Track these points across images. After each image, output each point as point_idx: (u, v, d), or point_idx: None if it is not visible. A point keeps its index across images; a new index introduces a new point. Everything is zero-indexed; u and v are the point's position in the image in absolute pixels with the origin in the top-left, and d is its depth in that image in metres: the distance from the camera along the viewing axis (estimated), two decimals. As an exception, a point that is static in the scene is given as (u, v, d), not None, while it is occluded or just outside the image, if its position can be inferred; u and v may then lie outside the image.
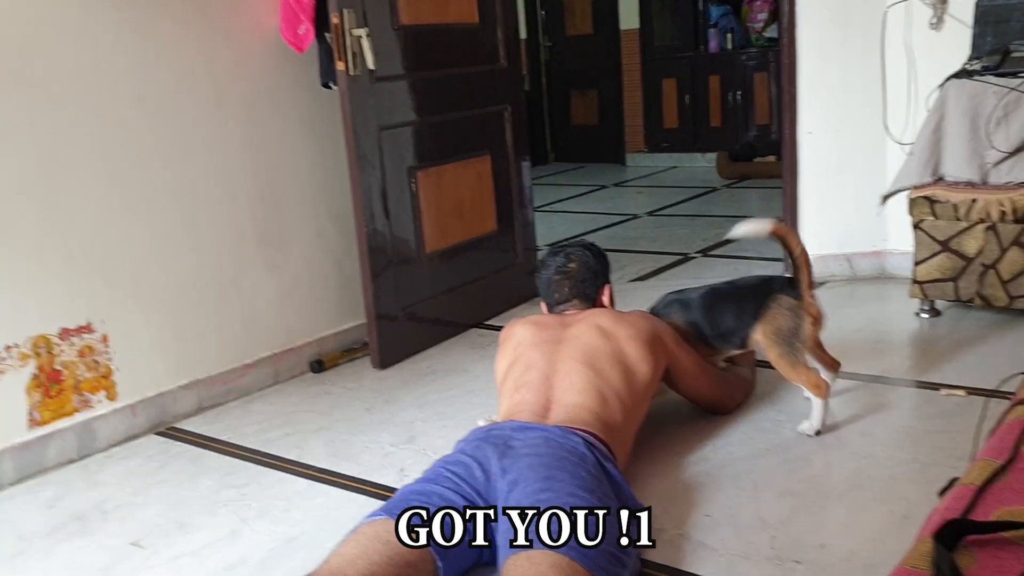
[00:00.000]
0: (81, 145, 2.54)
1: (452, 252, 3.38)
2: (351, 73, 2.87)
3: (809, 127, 3.55)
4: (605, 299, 2.41)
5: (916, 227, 3.00)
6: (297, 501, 2.20)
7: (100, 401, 2.63)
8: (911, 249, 3.05)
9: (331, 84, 3.03)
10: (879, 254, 3.58)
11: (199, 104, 2.81)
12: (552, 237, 4.88)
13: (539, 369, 2.09)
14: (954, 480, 1.30)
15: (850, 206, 3.55)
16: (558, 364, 2.09)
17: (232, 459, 2.48)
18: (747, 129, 7.12)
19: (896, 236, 3.48)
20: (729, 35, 7.24)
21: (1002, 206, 2.79)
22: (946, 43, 3.24)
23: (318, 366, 3.13)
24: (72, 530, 2.16)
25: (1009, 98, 2.80)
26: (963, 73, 2.95)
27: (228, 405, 2.89)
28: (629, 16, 7.69)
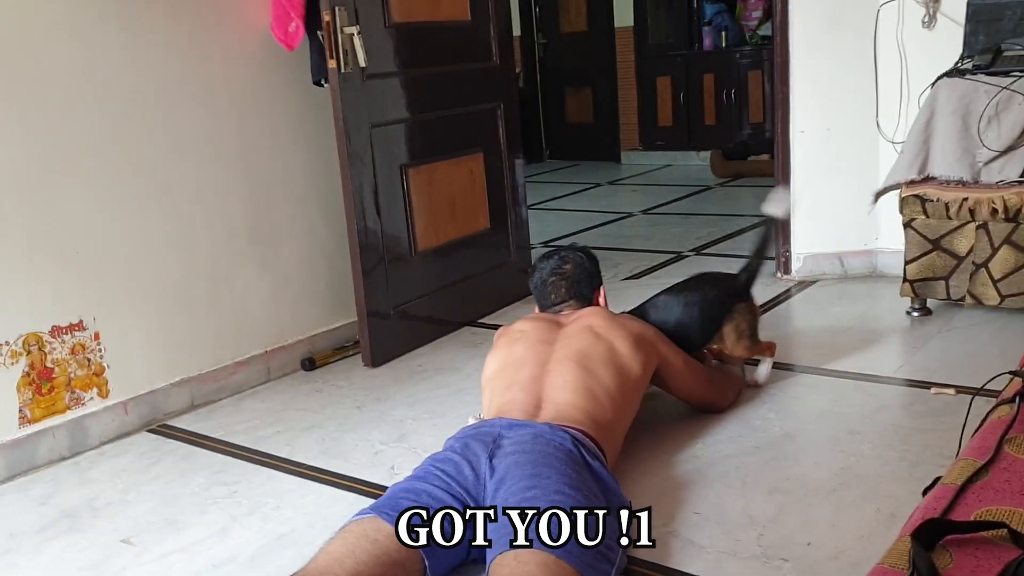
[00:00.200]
0: (72, 142, 2.54)
1: (444, 250, 3.38)
2: (342, 71, 2.87)
3: (801, 126, 3.55)
4: (600, 299, 2.46)
5: (907, 226, 3.00)
6: (287, 498, 2.21)
7: (92, 398, 2.63)
8: (902, 247, 3.06)
9: (323, 82, 3.02)
10: (870, 252, 3.59)
11: (190, 102, 2.81)
12: (546, 235, 4.88)
13: (531, 368, 2.11)
14: (938, 479, 1.31)
15: (842, 204, 3.55)
16: (550, 363, 2.11)
17: (223, 456, 2.49)
18: (741, 127, 7.13)
19: (887, 234, 3.49)
20: (723, 33, 7.24)
21: (993, 204, 2.80)
22: (938, 42, 3.25)
23: (309, 364, 3.13)
24: (63, 527, 2.16)
25: (1001, 97, 2.80)
26: (955, 72, 2.96)
27: (220, 403, 2.89)
28: (624, 13, 7.68)
